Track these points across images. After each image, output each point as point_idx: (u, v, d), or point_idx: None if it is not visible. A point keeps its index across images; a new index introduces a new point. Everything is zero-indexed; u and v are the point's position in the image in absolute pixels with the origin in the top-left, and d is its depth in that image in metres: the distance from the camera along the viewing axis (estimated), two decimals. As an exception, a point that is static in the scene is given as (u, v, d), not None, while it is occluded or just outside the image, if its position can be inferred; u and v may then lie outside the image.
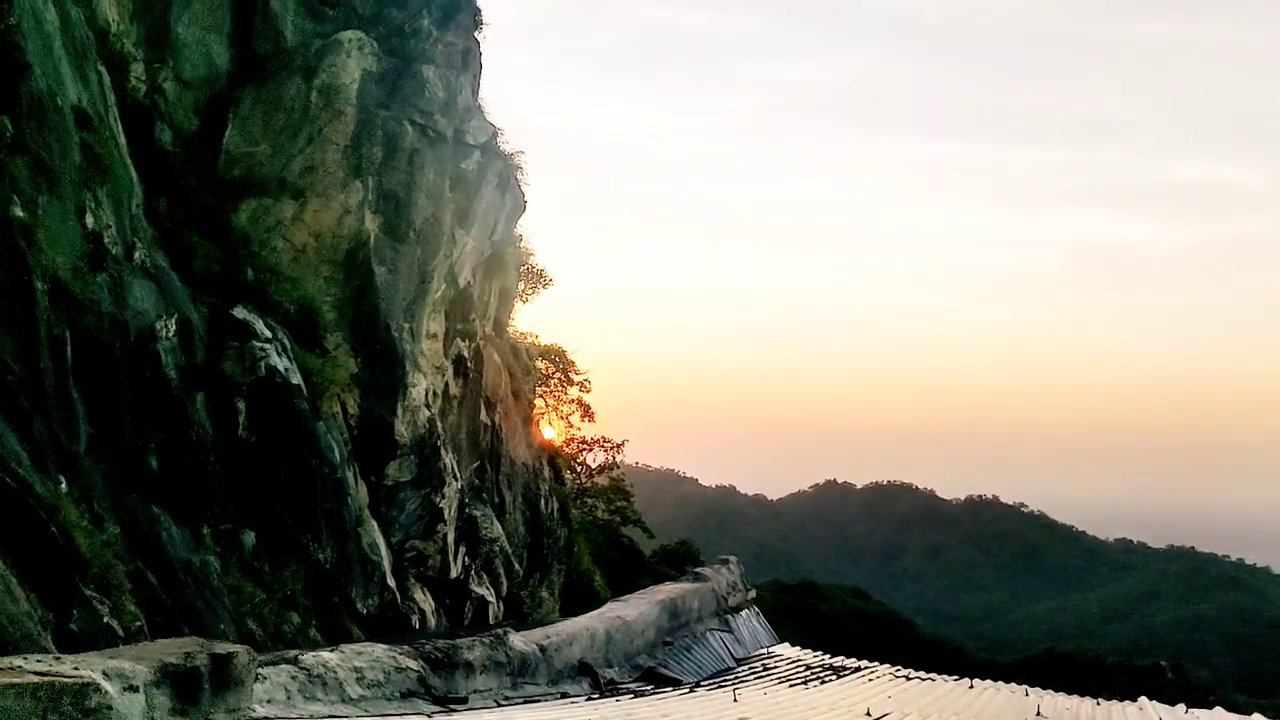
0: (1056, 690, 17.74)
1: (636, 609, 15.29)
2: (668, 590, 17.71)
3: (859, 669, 18.16)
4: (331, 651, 9.11)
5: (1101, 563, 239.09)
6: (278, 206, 20.03)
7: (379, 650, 9.51)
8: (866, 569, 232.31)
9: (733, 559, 21.61)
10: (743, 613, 19.92)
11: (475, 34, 25.21)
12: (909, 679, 17.30)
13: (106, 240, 13.88)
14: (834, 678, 16.65)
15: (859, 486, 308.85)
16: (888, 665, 19.11)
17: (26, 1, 12.67)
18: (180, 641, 6.48)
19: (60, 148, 12.90)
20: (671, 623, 16.54)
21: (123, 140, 15.44)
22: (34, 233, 11.90)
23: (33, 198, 12.23)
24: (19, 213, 11.65)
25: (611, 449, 50.72)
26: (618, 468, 51.38)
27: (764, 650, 19.38)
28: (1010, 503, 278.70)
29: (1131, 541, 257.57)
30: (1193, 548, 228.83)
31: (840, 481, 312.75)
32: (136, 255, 14.87)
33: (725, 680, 15.60)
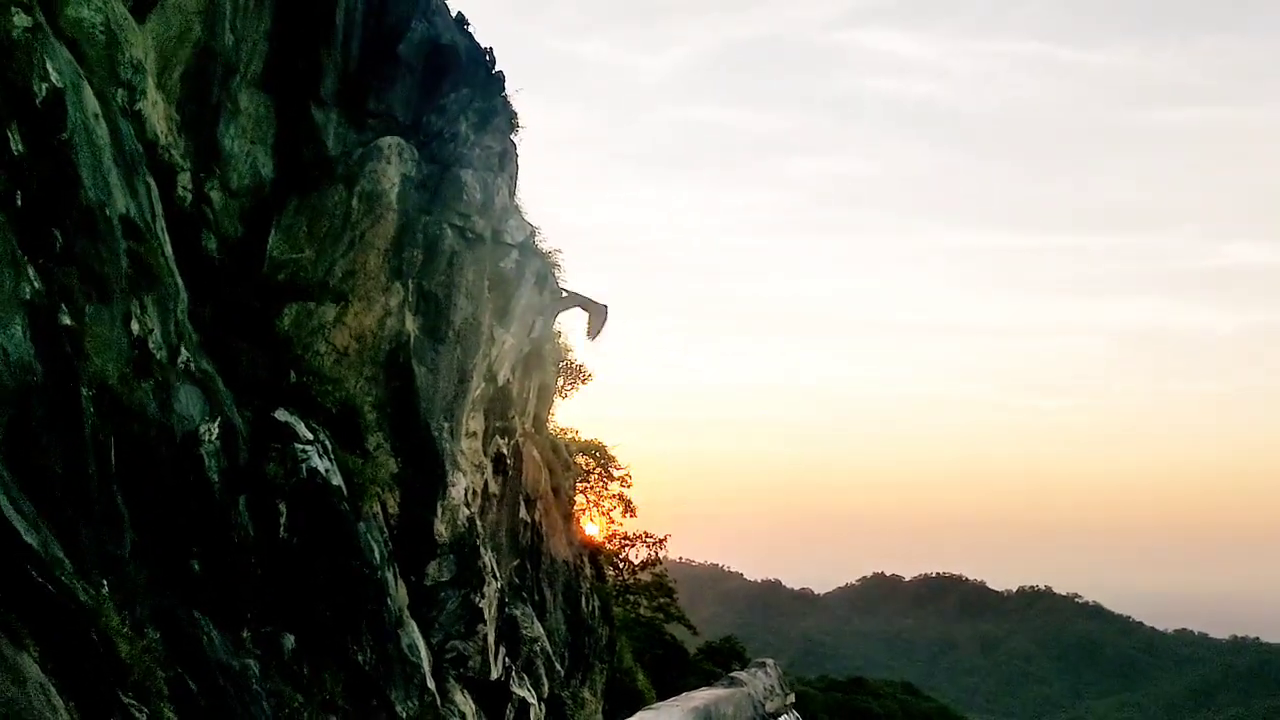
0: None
1: (669, 718, 14.88)
2: (702, 697, 17.27)
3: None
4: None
5: (1161, 655, 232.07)
6: (321, 310, 20.41)
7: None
8: (917, 663, 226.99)
9: (770, 662, 21.16)
10: (782, 719, 19.35)
11: (511, 136, 25.79)
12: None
13: (152, 346, 14.13)
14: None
15: (907, 579, 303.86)
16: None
17: (79, 117, 13.10)
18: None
19: (109, 256, 13.21)
20: (707, 731, 16.09)
21: (169, 248, 15.79)
22: (81, 340, 12.13)
23: (80, 306, 12.47)
24: (67, 320, 11.91)
25: (654, 544, 50.42)
26: (660, 563, 51.01)
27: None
28: (1063, 593, 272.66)
29: (1192, 632, 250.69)
30: (1257, 638, 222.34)
31: (888, 574, 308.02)
32: (181, 360, 15.10)
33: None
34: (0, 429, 10.52)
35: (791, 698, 20.56)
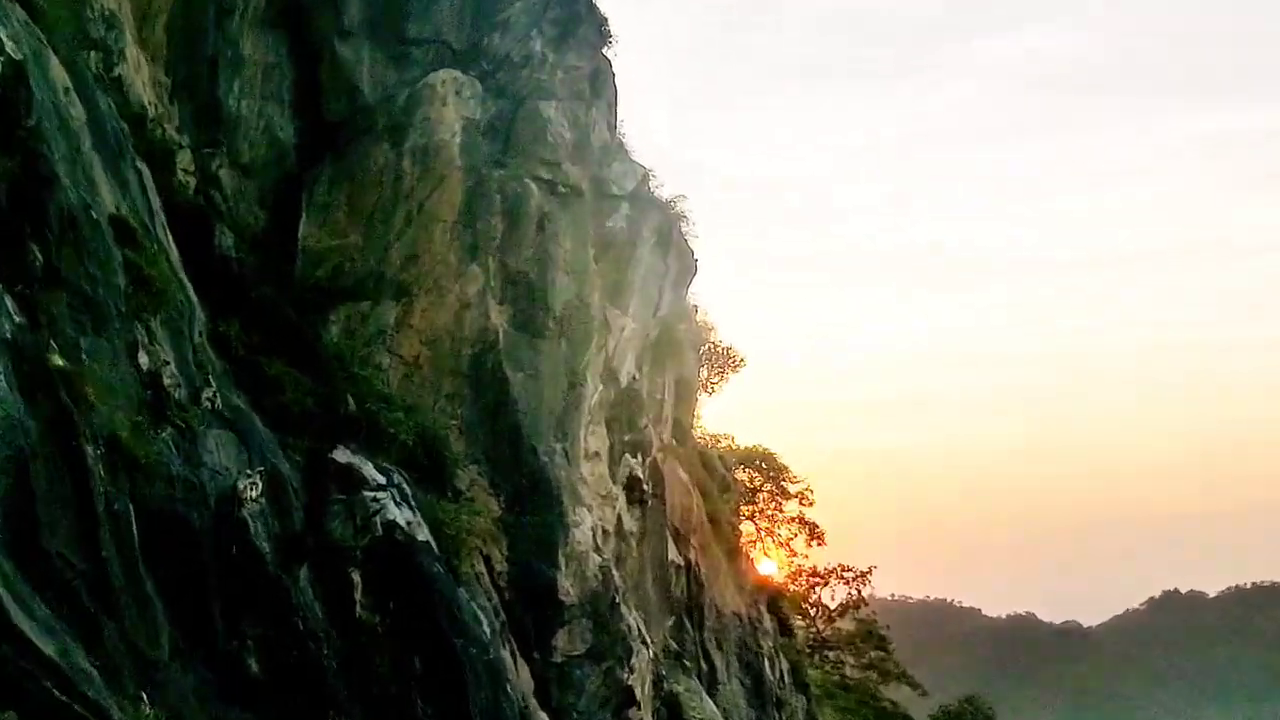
0: None
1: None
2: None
3: None
4: None
5: None
6: (377, 311, 20.69)
7: None
8: (1238, 708, 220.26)
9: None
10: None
11: (604, 51, 25.80)
12: None
13: (167, 382, 14.50)
14: None
15: (1212, 595, 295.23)
16: None
17: (45, 96, 13.42)
18: None
19: (101, 274, 13.53)
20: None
21: (174, 252, 16.20)
22: (79, 384, 12.37)
23: (74, 340, 12.83)
24: (59, 361, 12.20)
25: (854, 579, 49.91)
26: (865, 605, 50.47)
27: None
28: None
29: None
30: None
31: (1184, 591, 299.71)
32: (206, 397, 15.46)
33: None
34: (-7, 509, 10.79)
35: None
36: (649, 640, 23.43)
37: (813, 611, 49.34)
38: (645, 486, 25.24)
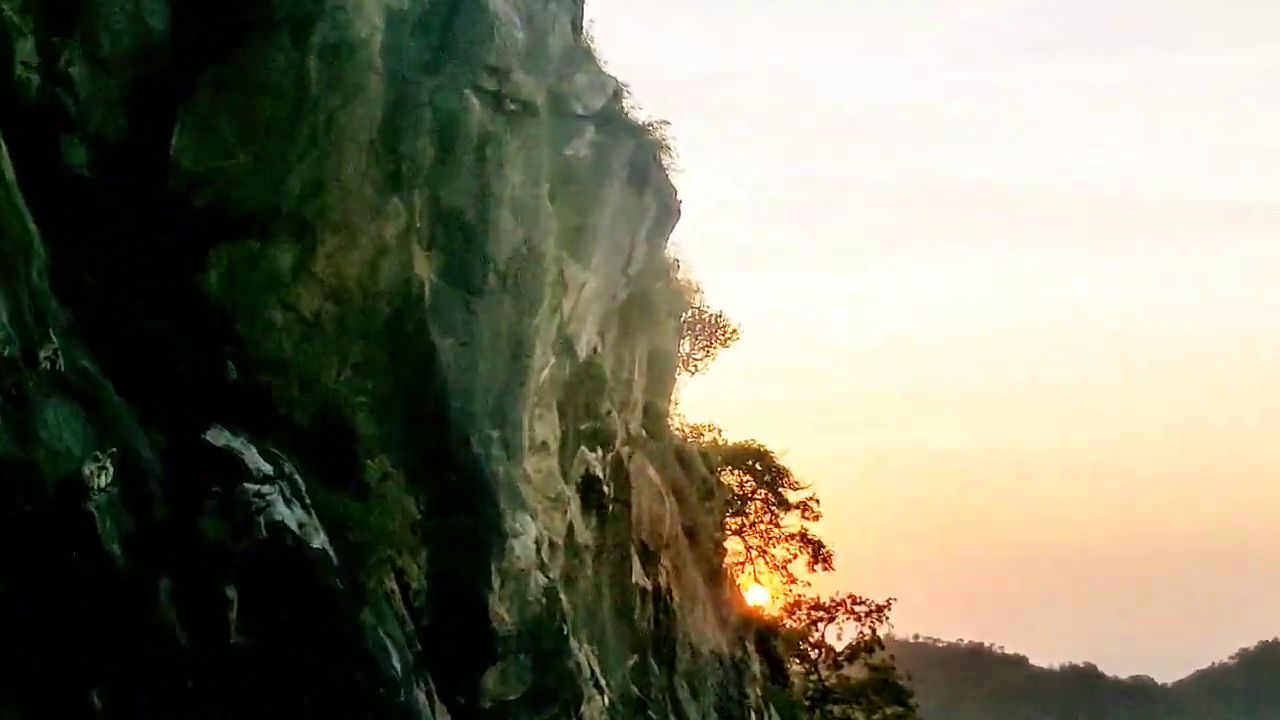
0: None
1: None
2: None
3: None
4: None
5: None
6: (270, 254, 20.43)
7: None
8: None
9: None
10: None
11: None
12: None
13: (-5, 336, 14.17)
14: None
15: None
16: None
17: None
18: None
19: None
20: None
21: (8, 169, 15.92)
22: None
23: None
24: None
25: (868, 615, 49.78)
26: (881, 647, 50.33)
27: None
28: None
29: None
30: None
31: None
32: (44, 356, 15.26)
33: None
34: None
35: None
36: (604, 684, 23.27)
37: (814, 654, 49.38)
38: (606, 489, 25.19)
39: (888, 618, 50.68)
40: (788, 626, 46.99)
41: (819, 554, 47.40)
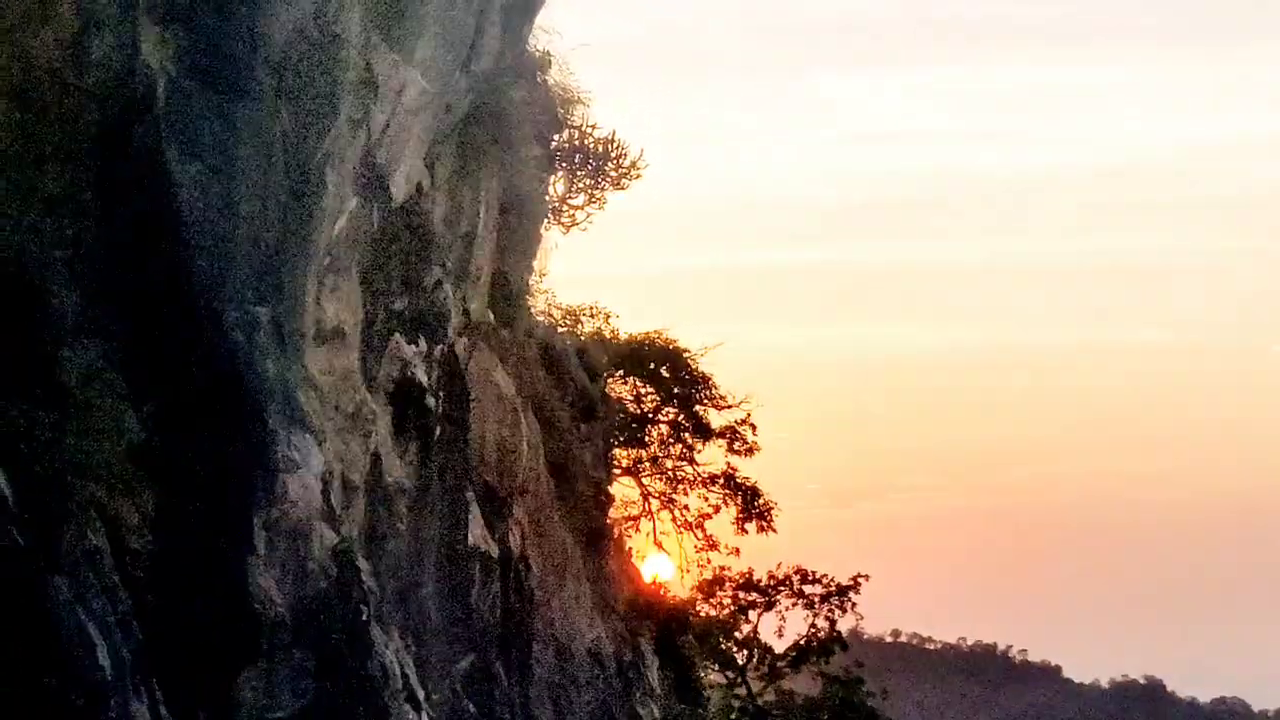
0: None
1: None
2: None
3: None
4: None
5: None
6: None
7: None
8: None
9: None
10: None
11: None
12: None
13: None
14: None
15: None
16: None
17: None
18: None
19: None
20: None
21: None
22: None
23: None
24: None
25: (826, 600, 44.66)
26: (843, 647, 45.50)
27: None
28: None
29: None
30: None
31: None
32: None
33: None
34: None
35: None
36: (422, 696, 20.19)
37: (743, 656, 43.90)
38: (432, 401, 22.13)
39: (854, 604, 44.64)
40: (704, 614, 42.16)
41: (753, 507, 41.93)
